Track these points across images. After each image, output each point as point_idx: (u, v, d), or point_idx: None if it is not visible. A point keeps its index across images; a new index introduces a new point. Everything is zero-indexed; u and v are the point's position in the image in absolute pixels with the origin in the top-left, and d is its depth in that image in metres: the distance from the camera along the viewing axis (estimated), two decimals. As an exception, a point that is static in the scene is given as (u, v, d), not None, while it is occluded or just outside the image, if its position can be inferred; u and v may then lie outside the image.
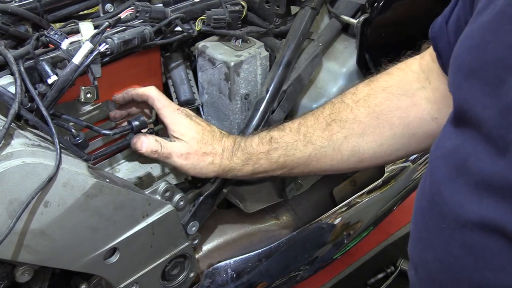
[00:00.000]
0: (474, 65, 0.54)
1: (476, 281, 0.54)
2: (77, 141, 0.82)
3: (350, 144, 0.86)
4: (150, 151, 0.86)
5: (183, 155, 0.87)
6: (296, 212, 1.24)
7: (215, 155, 0.89)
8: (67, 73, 0.78)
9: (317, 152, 0.87)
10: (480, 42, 0.53)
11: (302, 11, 1.11)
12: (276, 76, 1.04)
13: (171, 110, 0.90)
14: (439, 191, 0.58)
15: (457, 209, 0.54)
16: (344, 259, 1.82)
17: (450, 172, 0.56)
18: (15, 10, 0.85)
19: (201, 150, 0.88)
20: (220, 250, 1.12)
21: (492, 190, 0.51)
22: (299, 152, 0.88)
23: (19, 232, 0.71)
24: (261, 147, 0.89)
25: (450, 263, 0.57)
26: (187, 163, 0.88)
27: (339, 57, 1.18)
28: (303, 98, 1.16)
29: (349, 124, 0.85)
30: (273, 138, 0.89)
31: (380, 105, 0.84)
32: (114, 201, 0.80)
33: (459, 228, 0.54)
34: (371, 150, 0.86)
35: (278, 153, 0.88)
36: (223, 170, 0.90)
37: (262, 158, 0.89)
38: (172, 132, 0.89)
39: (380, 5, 1.09)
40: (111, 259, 0.86)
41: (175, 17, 0.94)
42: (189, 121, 0.90)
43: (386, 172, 1.37)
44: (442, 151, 0.60)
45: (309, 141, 0.87)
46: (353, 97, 0.86)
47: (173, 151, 0.87)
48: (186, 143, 0.88)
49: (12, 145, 0.69)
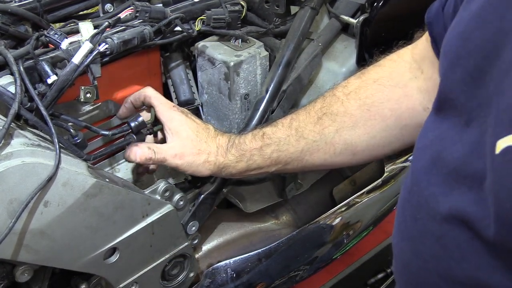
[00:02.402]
0: (459, 52, 0.54)
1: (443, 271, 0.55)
2: (75, 141, 0.82)
3: (342, 137, 0.85)
4: (144, 159, 0.86)
5: (177, 155, 0.87)
6: (296, 212, 1.24)
7: (210, 153, 0.89)
8: (67, 73, 0.78)
9: (310, 147, 0.87)
10: (465, 29, 0.53)
11: (301, 11, 1.11)
12: (275, 76, 1.04)
13: (167, 107, 0.90)
14: (417, 182, 0.58)
15: (430, 200, 0.55)
16: (344, 259, 1.81)
17: (428, 163, 0.57)
18: (15, 10, 0.85)
19: (196, 148, 0.88)
20: (220, 250, 1.12)
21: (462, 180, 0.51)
22: (292, 147, 0.87)
23: (19, 232, 0.71)
24: (254, 143, 0.89)
25: (421, 253, 0.58)
26: (182, 162, 0.87)
27: (339, 57, 1.18)
28: (302, 98, 1.17)
29: (340, 117, 0.85)
30: (265, 134, 0.89)
31: (371, 97, 0.83)
32: (114, 201, 0.80)
33: (431, 219, 0.55)
34: (364, 143, 0.85)
35: (271, 148, 0.88)
36: (217, 168, 0.89)
37: (255, 154, 0.88)
38: (168, 129, 0.89)
39: (379, 5, 1.09)
40: (111, 259, 0.86)
41: (175, 17, 0.94)
42: (185, 118, 0.90)
43: (386, 172, 1.37)
44: (424, 142, 0.60)
45: (301, 136, 0.87)
46: (344, 90, 0.86)
47: (167, 154, 0.87)
48: (180, 141, 0.88)
49: (12, 145, 0.69)
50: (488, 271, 0.50)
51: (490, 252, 0.49)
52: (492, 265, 0.50)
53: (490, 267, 0.50)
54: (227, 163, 0.89)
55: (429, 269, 0.57)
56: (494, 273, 0.50)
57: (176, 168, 0.89)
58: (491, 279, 0.50)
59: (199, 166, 0.88)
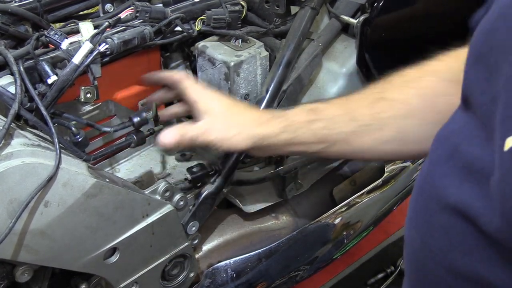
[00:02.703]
0: (482, 50, 0.54)
1: (447, 263, 0.55)
2: (77, 139, 0.82)
3: (395, 124, 0.82)
4: (174, 141, 0.83)
5: (207, 130, 0.84)
6: (296, 212, 1.24)
7: (244, 125, 0.85)
8: (67, 73, 0.78)
9: (361, 130, 0.83)
10: (491, 27, 0.53)
11: (302, 11, 1.11)
12: (276, 76, 1.04)
13: (196, 87, 0.88)
14: (431, 172, 0.58)
15: (441, 191, 0.55)
16: (344, 259, 1.81)
17: (444, 154, 0.57)
18: (15, 10, 0.85)
19: (227, 121, 0.85)
20: (220, 250, 1.12)
21: (473, 175, 0.51)
22: (343, 127, 0.83)
23: (19, 232, 0.71)
24: (302, 116, 0.84)
25: (429, 243, 0.58)
26: (213, 137, 0.84)
27: (339, 57, 1.18)
28: (303, 98, 1.17)
29: (396, 104, 0.81)
30: (316, 108, 0.84)
31: (427, 88, 0.80)
32: (114, 201, 0.80)
33: (440, 210, 0.55)
34: (415, 134, 0.82)
35: (320, 124, 0.83)
36: (254, 138, 0.84)
37: (302, 127, 0.84)
38: (198, 109, 0.86)
39: (379, 5, 1.09)
40: (111, 259, 0.86)
41: (175, 17, 0.94)
42: (214, 95, 0.88)
43: (386, 172, 1.37)
44: (443, 133, 0.60)
45: (353, 117, 0.83)
46: (401, 78, 0.83)
47: (197, 131, 0.84)
48: (211, 117, 0.85)
49: (12, 145, 0.69)
50: (489, 267, 0.51)
51: (493, 247, 0.49)
52: (494, 260, 0.50)
53: (491, 263, 0.50)
54: (267, 134, 0.84)
55: (435, 260, 0.57)
56: (495, 269, 0.50)
57: (209, 144, 0.85)
58: (492, 275, 0.50)
59: (231, 139, 0.84)
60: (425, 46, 0.99)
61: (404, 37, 1.17)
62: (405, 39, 1.17)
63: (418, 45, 1.18)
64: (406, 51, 1.18)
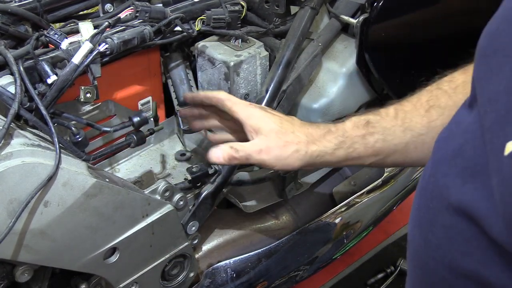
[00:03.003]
0: (486, 51, 0.54)
1: (448, 262, 0.55)
2: (77, 139, 0.82)
3: None
4: (228, 160, 0.82)
5: (262, 150, 0.83)
6: (296, 212, 1.24)
7: (299, 143, 0.83)
8: (67, 73, 0.78)
9: (416, 139, 0.82)
10: (496, 29, 0.54)
11: (301, 11, 1.11)
12: (275, 76, 1.04)
13: (243, 105, 0.86)
14: (435, 171, 0.58)
15: (443, 190, 0.55)
16: (344, 259, 1.82)
17: (448, 154, 0.57)
18: (15, 10, 0.85)
19: (282, 140, 0.83)
20: (220, 250, 1.12)
21: (476, 175, 0.51)
22: (397, 138, 0.83)
23: (18, 232, 0.71)
24: (357, 130, 0.83)
25: (430, 242, 0.58)
26: (269, 157, 0.83)
27: (339, 57, 1.18)
28: (302, 98, 1.16)
29: (449, 111, 0.80)
30: (369, 122, 0.84)
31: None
32: (114, 201, 0.80)
33: (442, 209, 0.55)
34: None
35: (375, 137, 0.83)
36: (310, 157, 0.84)
37: (357, 142, 0.83)
38: (249, 127, 0.84)
39: (379, 5, 1.09)
40: (111, 259, 0.86)
41: (175, 17, 0.94)
42: (264, 113, 0.85)
43: (386, 172, 1.37)
44: (448, 132, 0.60)
45: (407, 127, 0.82)
46: (450, 84, 0.82)
47: (251, 150, 0.83)
48: (264, 136, 0.83)
49: (12, 145, 0.69)
50: (490, 267, 0.51)
51: (494, 249, 0.49)
52: (494, 261, 0.50)
53: (492, 264, 0.50)
54: (323, 151, 0.84)
55: (436, 259, 0.57)
56: (495, 270, 0.50)
57: (263, 164, 0.84)
58: (493, 275, 0.50)
59: (287, 159, 0.83)
60: (425, 47, 0.99)
61: (404, 37, 1.17)
62: (405, 39, 1.17)
63: (418, 45, 1.18)
64: (406, 51, 1.19)
